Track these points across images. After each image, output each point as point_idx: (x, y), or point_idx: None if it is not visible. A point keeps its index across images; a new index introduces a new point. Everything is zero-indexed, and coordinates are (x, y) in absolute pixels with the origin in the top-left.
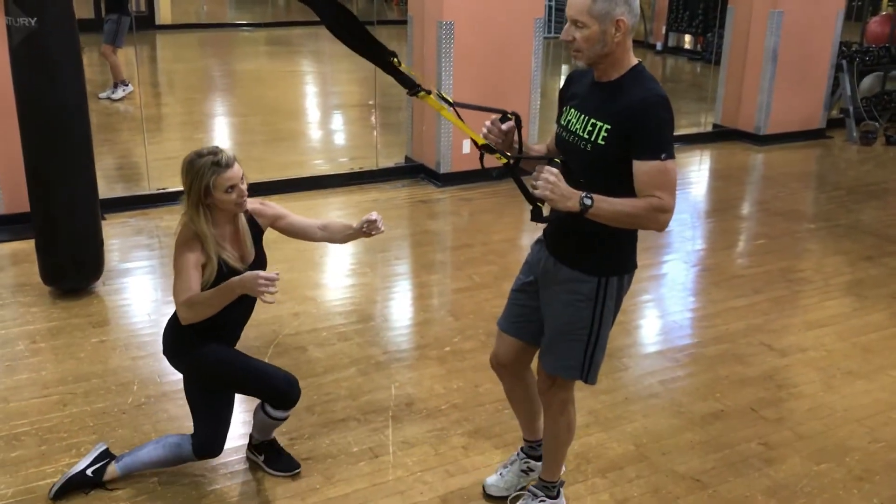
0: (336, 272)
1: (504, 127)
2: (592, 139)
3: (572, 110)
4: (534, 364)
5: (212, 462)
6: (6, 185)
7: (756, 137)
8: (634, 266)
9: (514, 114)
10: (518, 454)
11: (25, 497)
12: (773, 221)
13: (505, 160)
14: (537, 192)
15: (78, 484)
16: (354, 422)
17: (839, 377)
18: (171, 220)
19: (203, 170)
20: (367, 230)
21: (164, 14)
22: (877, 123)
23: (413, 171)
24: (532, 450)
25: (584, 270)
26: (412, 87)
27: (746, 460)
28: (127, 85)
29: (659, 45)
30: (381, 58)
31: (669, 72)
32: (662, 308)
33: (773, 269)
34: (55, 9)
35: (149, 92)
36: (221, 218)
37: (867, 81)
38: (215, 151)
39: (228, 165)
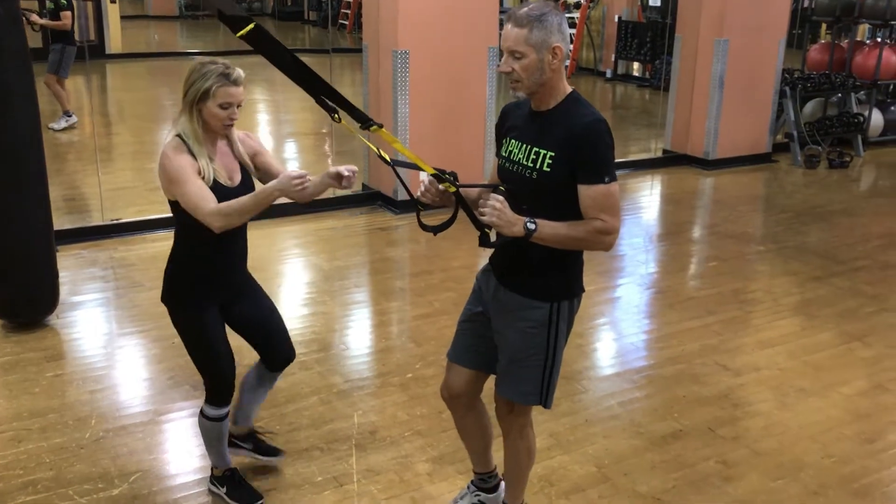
0: (295, 301)
1: (441, 186)
2: (537, 167)
3: (513, 141)
4: (487, 393)
5: (174, 494)
6: None
7: (705, 162)
8: (582, 289)
9: (452, 173)
10: (469, 487)
11: None
12: (723, 244)
13: (453, 188)
14: (484, 219)
15: None
16: (318, 451)
17: (792, 395)
18: (124, 251)
19: (211, 74)
20: (342, 183)
21: (114, 43)
22: (820, 147)
23: (370, 199)
24: (483, 482)
25: (536, 297)
26: (365, 122)
27: (706, 479)
28: (70, 115)
29: (608, 73)
30: (332, 96)
31: (619, 98)
32: (618, 331)
33: (725, 291)
34: (9, 42)
35: (100, 121)
36: (206, 134)
37: (810, 107)
38: (228, 65)
39: (236, 83)
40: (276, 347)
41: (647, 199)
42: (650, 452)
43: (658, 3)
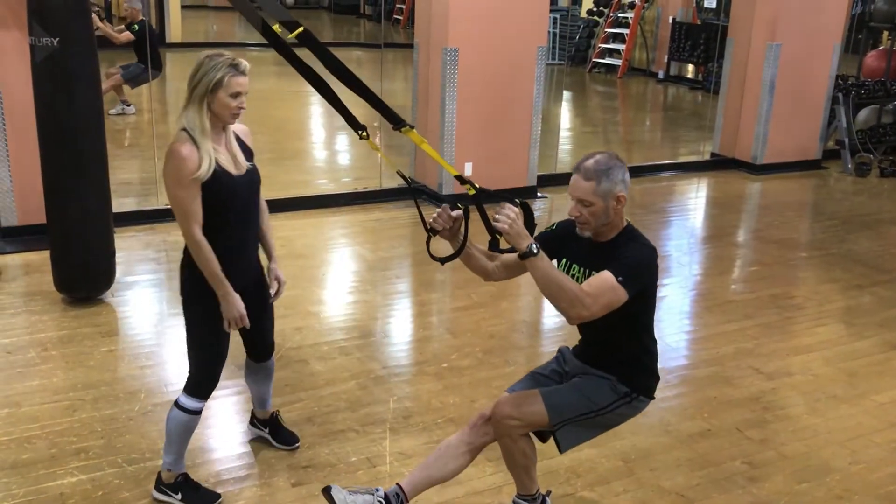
0: (338, 289)
1: (453, 214)
2: None
3: (574, 266)
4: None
5: (215, 468)
6: (20, 198)
7: (752, 167)
8: (653, 396)
9: (464, 206)
10: (378, 491)
11: (35, 498)
12: (767, 249)
13: (473, 190)
14: (497, 225)
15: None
16: (353, 433)
17: (824, 401)
18: (178, 235)
19: (221, 65)
20: (271, 285)
21: (174, 32)
22: (872, 156)
23: (415, 193)
24: (396, 499)
25: (619, 381)
26: (396, 122)
27: (730, 478)
28: (129, 105)
29: (661, 74)
30: (369, 95)
31: (671, 100)
32: (657, 330)
33: (765, 296)
34: (76, 29)
35: (158, 109)
36: (212, 125)
37: (863, 114)
38: (234, 56)
39: (244, 73)
40: (259, 342)
41: (693, 202)
42: (677, 450)
43: (713, 5)
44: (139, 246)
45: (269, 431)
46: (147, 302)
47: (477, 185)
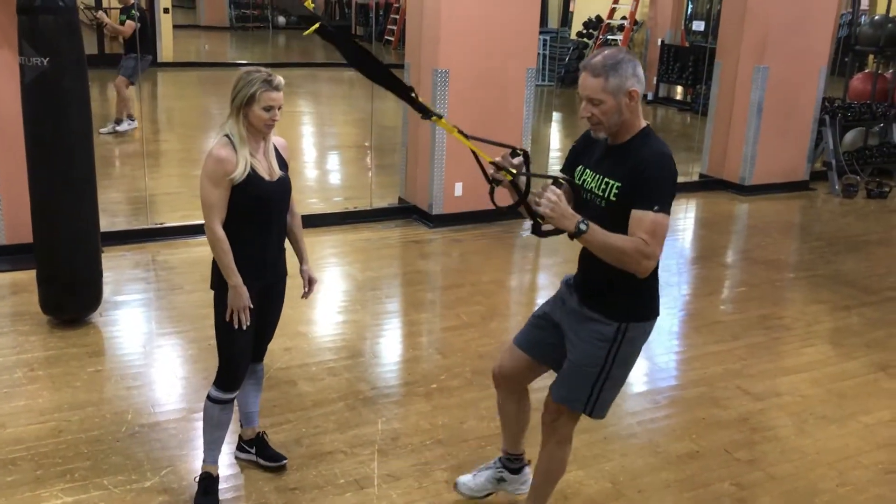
0: (327, 309)
1: (514, 162)
2: (606, 196)
3: (587, 171)
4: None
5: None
6: (8, 217)
7: (741, 188)
8: (657, 314)
9: (523, 150)
10: (495, 462)
11: None
12: (754, 270)
13: (510, 176)
14: (539, 209)
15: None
16: (341, 454)
17: (812, 422)
18: (167, 254)
19: (255, 81)
20: (305, 286)
21: (165, 52)
22: (858, 177)
23: (406, 212)
24: (509, 461)
25: (606, 315)
26: (425, 112)
27: (719, 499)
28: (133, 120)
29: (650, 95)
30: (399, 88)
31: (660, 121)
32: (645, 351)
33: (752, 316)
34: (66, 50)
35: (149, 128)
36: (251, 134)
37: (850, 136)
38: (270, 73)
39: (277, 88)
40: (261, 339)
41: (681, 223)
42: (665, 471)
43: (702, 28)
44: (127, 265)
45: (256, 451)
46: (135, 322)
47: (514, 171)
